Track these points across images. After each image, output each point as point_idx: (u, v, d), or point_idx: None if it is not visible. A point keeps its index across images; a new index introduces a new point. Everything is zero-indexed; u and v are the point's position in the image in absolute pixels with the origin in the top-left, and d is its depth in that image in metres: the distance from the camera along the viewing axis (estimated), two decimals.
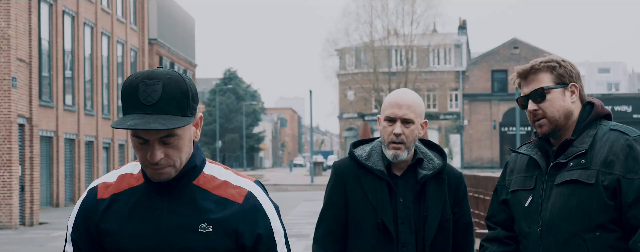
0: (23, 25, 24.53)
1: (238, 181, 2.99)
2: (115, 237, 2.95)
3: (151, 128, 2.76)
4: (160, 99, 2.82)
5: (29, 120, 24.91)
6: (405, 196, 4.25)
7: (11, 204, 23.58)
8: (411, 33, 65.69)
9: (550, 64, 3.82)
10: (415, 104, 4.30)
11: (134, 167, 3.05)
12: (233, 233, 2.92)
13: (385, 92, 66.88)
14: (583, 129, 3.78)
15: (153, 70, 2.90)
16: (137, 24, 48.25)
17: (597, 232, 3.62)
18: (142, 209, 2.95)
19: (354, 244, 4.27)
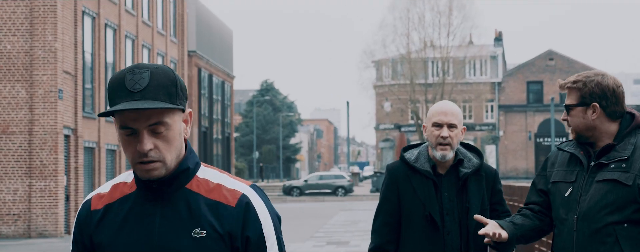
0: (69, 39, 25.22)
1: (233, 184, 2.91)
2: (108, 248, 2.89)
3: (140, 107, 2.68)
4: (148, 86, 2.75)
5: (74, 132, 25.57)
6: (449, 191, 4.92)
7: (57, 213, 24.24)
8: (447, 45, 66.06)
9: (577, 85, 4.47)
10: (457, 112, 5.00)
11: (128, 176, 2.98)
12: (227, 236, 2.85)
13: (421, 104, 67.24)
14: (624, 137, 4.37)
15: (139, 63, 2.83)
16: (177, 36, 49.00)
17: (625, 224, 4.23)
18: (135, 216, 2.88)
19: (406, 234, 4.95)
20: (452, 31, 66.04)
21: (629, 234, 4.22)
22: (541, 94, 78.86)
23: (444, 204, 4.91)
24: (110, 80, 2.82)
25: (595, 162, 4.37)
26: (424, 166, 4.95)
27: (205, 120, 57.84)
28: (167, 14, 47.01)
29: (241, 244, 2.85)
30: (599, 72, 4.58)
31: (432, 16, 66.12)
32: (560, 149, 4.59)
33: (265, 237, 2.87)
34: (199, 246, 2.82)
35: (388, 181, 5.04)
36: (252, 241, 2.86)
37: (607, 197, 4.26)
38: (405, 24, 65.40)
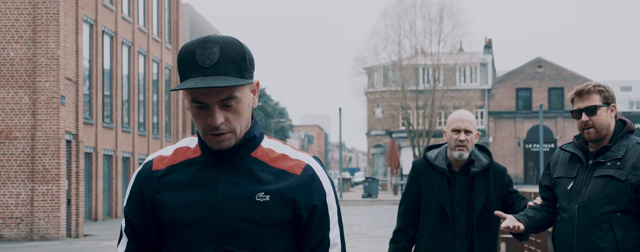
0: (70, 46, 25.79)
1: (296, 155, 2.98)
2: (170, 207, 2.93)
3: (213, 85, 2.75)
4: (218, 61, 2.81)
5: (75, 137, 26.13)
6: (460, 187, 5.93)
7: (59, 217, 24.78)
8: (438, 52, 66.70)
9: (600, 88, 5.24)
10: (472, 119, 6.00)
11: (191, 142, 3.03)
12: (291, 203, 2.92)
13: (412, 110, 67.83)
14: (618, 139, 5.19)
15: (208, 35, 2.89)
16: (172, 43, 49.55)
17: (619, 213, 5.06)
18: (198, 180, 2.93)
19: (423, 220, 5.98)
20: (443, 39, 66.70)
21: (621, 221, 5.06)
22: (530, 101, 79.62)
23: (455, 197, 5.89)
24: (180, 53, 2.90)
25: (593, 160, 5.18)
26: (441, 164, 5.94)
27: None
28: (162, 20, 47.55)
29: (305, 211, 2.92)
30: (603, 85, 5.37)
31: (423, 24, 66.77)
32: (563, 149, 5.38)
33: (328, 206, 2.95)
34: (261, 210, 2.87)
35: (412, 174, 6.06)
36: (318, 209, 2.93)
37: (604, 190, 5.09)
38: (397, 31, 66.05)
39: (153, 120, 45.32)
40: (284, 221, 2.90)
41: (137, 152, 42.02)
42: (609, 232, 5.05)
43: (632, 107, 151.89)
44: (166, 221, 2.95)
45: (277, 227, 2.89)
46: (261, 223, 2.87)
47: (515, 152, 79.02)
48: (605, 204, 5.07)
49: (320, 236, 2.94)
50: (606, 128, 5.20)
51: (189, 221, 2.90)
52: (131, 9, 41.46)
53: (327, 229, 2.94)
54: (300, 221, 2.92)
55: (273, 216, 2.88)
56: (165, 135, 47.70)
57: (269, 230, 2.88)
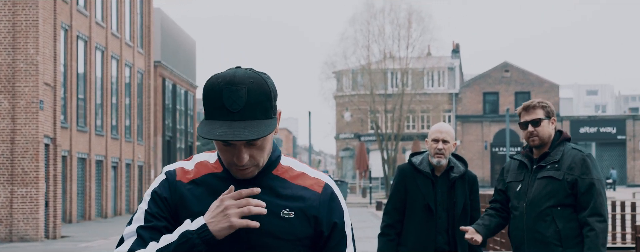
0: (49, 52, 26.39)
1: (314, 173, 3.08)
2: (195, 217, 2.96)
3: (241, 138, 2.82)
4: (246, 105, 2.85)
5: (53, 141, 26.73)
6: (442, 189, 6.88)
7: (37, 218, 25.38)
8: (407, 56, 67.59)
9: (543, 104, 6.30)
10: (451, 131, 6.92)
11: (210, 157, 3.09)
12: (313, 220, 3.01)
13: (381, 114, 68.66)
14: (556, 146, 6.25)
15: (234, 73, 2.90)
16: (144, 47, 50.09)
17: (559, 208, 6.09)
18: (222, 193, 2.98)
19: (410, 216, 6.90)
20: (411, 43, 67.61)
21: (561, 214, 6.10)
22: (497, 105, 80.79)
23: (438, 197, 6.82)
24: (205, 89, 2.92)
25: (536, 165, 6.24)
26: (426, 168, 6.89)
27: (169, 130, 58.83)
28: (135, 25, 48.09)
29: (327, 228, 3.03)
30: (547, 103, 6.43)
31: (392, 29, 67.62)
32: (513, 158, 6.49)
33: (345, 224, 3.08)
34: (287, 226, 2.96)
35: (399, 177, 6.94)
36: (338, 226, 3.05)
37: (545, 189, 6.13)
38: (366, 36, 66.92)
39: (125, 123, 45.87)
40: (306, 237, 3.00)
41: (110, 156, 42.56)
42: (552, 224, 6.08)
43: (598, 111, 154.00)
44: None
45: (299, 243, 2.99)
46: (285, 239, 2.96)
47: (482, 155, 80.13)
48: (547, 200, 6.10)
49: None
50: (548, 137, 6.24)
51: None
52: (105, 14, 42.01)
53: (344, 245, 3.06)
54: (320, 237, 3.03)
55: (297, 231, 2.98)
56: (137, 138, 48.24)
57: (291, 245, 2.98)
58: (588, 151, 6.23)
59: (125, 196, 45.59)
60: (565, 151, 6.19)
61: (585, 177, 6.05)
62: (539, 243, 6.07)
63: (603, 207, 6.01)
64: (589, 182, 6.04)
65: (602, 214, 5.99)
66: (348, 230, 3.08)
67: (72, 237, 27.24)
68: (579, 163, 6.09)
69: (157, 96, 53.73)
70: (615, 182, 71.27)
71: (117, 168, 44.31)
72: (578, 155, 6.14)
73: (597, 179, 6.08)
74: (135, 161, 47.55)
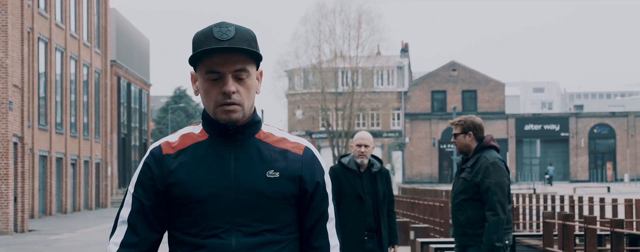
0: (17, 55, 27.75)
1: (294, 138, 3.23)
2: (185, 186, 3.11)
3: (232, 46, 3.03)
4: (234, 36, 3.06)
5: (21, 139, 28.10)
6: (366, 182, 8.73)
7: (7, 213, 26.77)
8: (357, 56, 69.38)
9: (461, 121, 8.08)
10: (370, 138, 8.85)
11: (194, 128, 3.23)
12: (297, 179, 3.16)
13: (332, 112, 70.36)
14: (475, 153, 8.03)
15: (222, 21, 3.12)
16: (101, 47, 51.33)
17: (470, 201, 7.90)
18: (210, 158, 3.13)
19: (345, 205, 8.65)
20: (361, 43, 69.44)
21: (471, 205, 7.96)
22: (444, 103, 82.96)
23: (365, 188, 8.72)
24: (196, 36, 3.12)
25: (459, 168, 8.21)
26: (353, 167, 8.78)
27: (124, 128, 60.09)
28: (92, 26, 49.30)
29: (310, 187, 3.18)
30: (470, 116, 8.29)
31: (343, 29, 69.42)
32: (454, 159, 8.41)
33: (326, 183, 3.24)
34: (273, 185, 3.12)
35: (333, 176, 8.76)
36: (321, 185, 3.21)
37: (462, 186, 8.03)
38: (317, 36, 68.65)
39: (84, 122, 47.16)
40: (292, 196, 3.15)
41: (70, 153, 43.84)
42: (464, 212, 7.96)
43: (544, 108, 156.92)
44: (180, 199, 3.12)
45: (286, 201, 3.14)
46: (272, 197, 3.11)
47: (431, 152, 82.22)
48: (462, 194, 7.97)
49: (321, 210, 3.22)
50: (464, 147, 8.05)
51: (203, 197, 3.09)
52: (64, 15, 43.25)
53: (326, 204, 3.23)
54: (304, 196, 3.19)
55: (283, 190, 3.13)
56: (94, 136, 49.52)
57: (278, 204, 3.13)
58: (495, 160, 7.91)
59: (84, 192, 46.90)
60: (479, 158, 7.90)
61: (485, 180, 7.76)
62: (457, 226, 8.04)
63: (496, 205, 7.68)
64: (487, 185, 7.75)
65: (495, 209, 7.67)
66: (329, 189, 3.23)
67: (39, 231, 28.63)
68: (483, 169, 7.80)
69: (112, 95, 54.95)
70: (552, 178, 73.58)
71: (75, 165, 45.58)
72: (485, 162, 7.83)
73: (494, 182, 7.74)
74: (93, 158, 48.85)
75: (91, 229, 30.01)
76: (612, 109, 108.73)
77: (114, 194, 54.62)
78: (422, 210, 22.14)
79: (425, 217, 21.36)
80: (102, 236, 25.42)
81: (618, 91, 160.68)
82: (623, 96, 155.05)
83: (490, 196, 7.72)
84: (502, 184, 7.77)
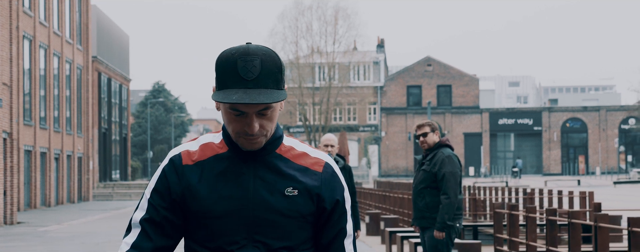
0: (6, 54, 28.91)
1: (315, 153, 3.17)
2: (203, 200, 3.07)
3: (258, 102, 2.93)
4: (260, 74, 2.95)
5: (10, 135, 29.28)
6: None
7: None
8: (333, 51, 70.70)
9: (429, 123, 9.58)
10: (335, 139, 10.37)
11: (214, 137, 3.17)
12: (316, 197, 3.11)
13: (309, 106, 71.64)
14: (434, 149, 9.55)
15: (248, 46, 3.01)
16: (82, 44, 52.41)
17: (428, 189, 9.45)
18: (230, 174, 3.07)
19: None
20: (338, 39, 70.77)
21: (430, 192, 9.49)
22: (420, 98, 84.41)
23: None
24: (220, 61, 3.02)
25: (421, 162, 9.66)
26: None
27: (104, 123, 61.19)
28: (74, 23, 50.34)
29: (329, 205, 3.13)
30: (430, 120, 9.59)
31: (319, 25, 70.74)
32: (415, 158, 9.67)
33: (345, 200, 3.19)
34: (291, 203, 3.07)
35: None
36: (340, 203, 3.16)
37: (422, 176, 9.51)
38: (294, 32, 69.94)
39: (66, 116, 48.29)
40: (309, 214, 3.11)
41: (53, 148, 44.98)
42: (423, 198, 9.55)
43: (519, 102, 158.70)
44: (197, 213, 3.09)
45: (303, 219, 3.10)
46: (290, 216, 3.08)
47: (406, 146, 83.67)
48: (422, 184, 9.57)
49: (339, 227, 3.17)
50: (433, 143, 9.54)
51: (222, 213, 3.06)
52: (47, 14, 44.33)
53: (345, 221, 3.18)
54: (322, 213, 3.14)
55: (300, 208, 3.08)
56: (77, 131, 50.65)
57: (295, 222, 3.09)
58: (450, 154, 9.56)
59: (67, 186, 48.06)
60: (437, 153, 9.54)
61: (442, 170, 9.38)
62: (417, 210, 9.64)
63: (450, 190, 9.33)
64: (442, 173, 9.39)
65: (448, 194, 9.32)
66: (348, 206, 3.19)
67: (28, 223, 29.85)
68: (440, 161, 9.44)
69: (93, 90, 56.05)
70: (520, 171, 75.13)
71: (59, 159, 46.70)
72: (442, 156, 9.49)
73: (449, 172, 9.38)
74: (75, 152, 50.00)
75: (77, 221, 31.23)
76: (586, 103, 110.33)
77: (95, 187, 55.82)
78: (393, 202, 23.55)
79: (396, 208, 22.72)
80: (89, 228, 26.64)
81: (592, 85, 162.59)
82: (597, 90, 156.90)
83: (445, 182, 9.30)
84: (455, 174, 9.39)
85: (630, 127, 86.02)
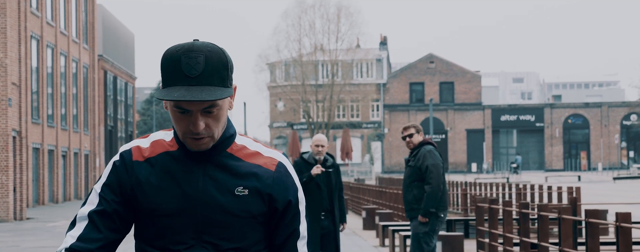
0: (15, 54, 29.80)
1: (268, 152, 3.08)
2: (151, 198, 3.00)
3: (199, 99, 2.83)
4: (203, 71, 2.87)
5: (19, 133, 30.17)
6: (324, 173, 10.77)
7: (8, 202, 28.87)
8: (336, 49, 71.56)
9: (413, 125, 10.98)
10: (325, 140, 11.18)
11: (166, 135, 3.08)
12: (267, 197, 3.02)
13: (312, 103, 72.49)
14: (418, 147, 10.69)
15: (193, 43, 2.93)
16: (88, 43, 53.30)
17: (415, 182, 10.71)
18: (179, 172, 2.99)
19: (306, 190, 10.60)
20: (341, 37, 71.65)
21: (417, 185, 10.47)
22: (422, 94, 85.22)
23: (322, 178, 10.91)
24: (164, 59, 2.93)
25: (407, 158, 10.55)
26: (312, 161, 10.96)
27: (110, 120, 62.07)
28: (80, 23, 51.25)
29: (281, 205, 3.04)
30: (414, 123, 10.55)
31: (322, 23, 71.62)
32: (405, 159, 10.86)
33: (299, 201, 3.10)
34: (241, 203, 2.99)
35: (297, 168, 10.93)
36: (293, 204, 3.06)
37: (410, 171, 10.51)
38: (297, 30, 70.85)
39: (73, 115, 49.22)
40: (261, 214, 3.02)
41: (60, 146, 45.91)
42: (411, 191, 10.56)
43: (524, 98, 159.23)
44: (145, 211, 3.02)
45: (254, 220, 3.02)
46: (240, 216, 2.99)
47: None
48: (409, 178, 10.54)
49: (292, 228, 3.08)
50: (417, 142, 10.64)
51: (169, 211, 2.99)
52: (54, 14, 45.22)
53: (298, 222, 3.09)
54: (274, 213, 3.05)
55: (251, 208, 2.99)
56: (83, 129, 51.57)
57: (246, 222, 3.01)
58: (431, 149, 10.60)
59: (74, 183, 49.00)
60: (420, 150, 10.67)
61: (425, 163, 10.51)
62: (406, 203, 10.69)
63: (433, 180, 10.40)
64: (426, 166, 10.50)
65: (431, 183, 10.39)
66: (301, 207, 3.11)
67: (37, 218, 30.76)
68: (422, 156, 10.58)
69: (99, 88, 56.93)
70: (519, 167, 75.89)
71: (66, 157, 47.62)
72: (424, 151, 10.64)
73: (431, 164, 10.50)
74: (82, 150, 50.94)
75: None
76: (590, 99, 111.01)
77: None
78: (388, 197, 24.46)
79: (391, 203, 23.63)
80: None
81: (596, 81, 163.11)
82: (601, 86, 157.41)
83: (428, 174, 10.39)
84: (437, 165, 10.45)
85: (632, 123, 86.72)
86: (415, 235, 10.45)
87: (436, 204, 10.31)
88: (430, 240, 10.42)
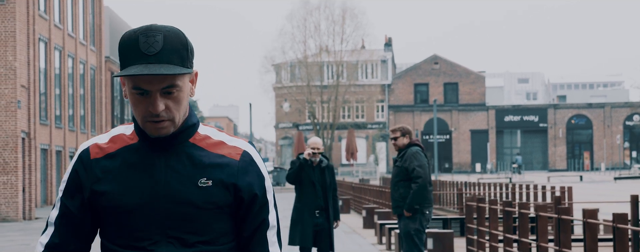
0: (24, 58, 30.50)
1: (232, 141, 3.00)
2: (112, 195, 2.92)
3: (158, 72, 2.75)
4: (162, 49, 2.81)
5: (28, 135, 30.87)
6: (317, 172, 11.54)
7: (17, 202, 29.58)
8: (341, 50, 72.24)
9: (400, 128, 11.56)
10: (321, 142, 11.64)
11: (126, 129, 3.02)
12: (232, 187, 2.94)
13: (317, 104, 73.15)
14: (405, 148, 11.21)
15: (151, 24, 2.88)
16: (95, 45, 54.01)
17: (402, 181, 11.36)
18: (139, 166, 2.92)
19: (302, 189, 11.48)
20: (346, 38, 72.34)
21: (403, 184, 11.13)
22: (427, 95, 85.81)
23: (317, 177, 11.61)
24: (122, 40, 2.88)
25: (395, 159, 11.26)
26: (309, 162, 11.53)
27: (117, 121, 62.75)
28: (87, 25, 51.94)
29: (247, 195, 2.96)
30: (403, 125, 11.03)
31: (327, 25, 72.36)
32: (394, 159, 11.44)
33: (266, 190, 3.02)
34: (205, 195, 2.91)
35: (293, 164, 11.61)
36: (259, 194, 2.98)
37: (396, 171, 11.10)
38: (303, 32, 71.55)
39: (80, 115, 49.92)
40: (226, 205, 2.95)
41: (68, 146, 46.61)
42: (398, 190, 11.19)
43: (529, 98, 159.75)
44: (107, 209, 2.94)
45: (220, 211, 2.94)
46: (204, 208, 2.92)
47: None
48: (396, 177, 11.11)
49: (260, 218, 3.00)
50: (403, 145, 11.30)
51: (132, 207, 2.91)
52: (62, 16, 45.91)
53: (266, 212, 3.01)
54: (241, 204, 2.98)
55: (216, 200, 2.92)
56: (90, 130, 52.27)
57: (212, 214, 2.93)
58: (417, 150, 11.21)
59: None
60: (407, 151, 11.27)
61: (410, 164, 11.17)
62: (393, 201, 11.32)
63: (419, 178, 11.06)
64: (412, 166, 11.14)
65: (417, 182, 11.06)
66: (270, 196, 3.03)
67: (45, 218, 31.48)
68: (408, 158, 11.18)
69: (106, 89, 57.62)
70: (520, 167, 76.39)
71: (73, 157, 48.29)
72: (410, 152, 11.28)
73: (417, 164, 11.16)
74: None
75: None
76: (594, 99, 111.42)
77: None
78: (388, 197, 25.18)
79: (390, 203, 24.36)
80: None
81: (600, 81, 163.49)
82: (605, 86, 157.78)
83: (414, 173, 11.00)
84: (423, 166, 11.08)
85: (634, 124, 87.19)
86: (406, 233, 11.08)
87: (421, 201, 10.94)
88: (422, 236, 11.08)
